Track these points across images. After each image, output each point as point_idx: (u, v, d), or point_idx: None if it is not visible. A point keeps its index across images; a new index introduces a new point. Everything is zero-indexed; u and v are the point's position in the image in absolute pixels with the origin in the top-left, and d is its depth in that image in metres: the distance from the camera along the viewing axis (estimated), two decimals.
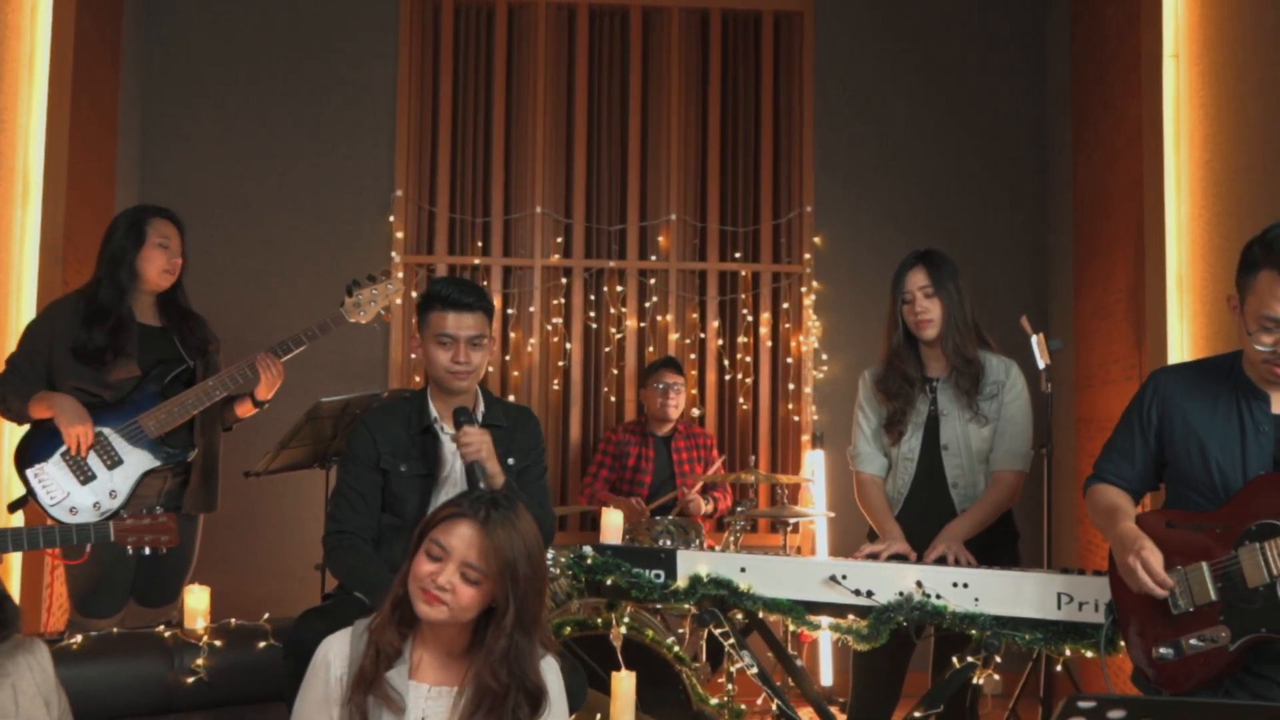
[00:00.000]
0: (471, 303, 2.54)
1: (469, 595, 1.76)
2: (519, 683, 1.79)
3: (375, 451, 2.51)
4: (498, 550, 1.75)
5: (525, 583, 1.77)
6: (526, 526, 1.81)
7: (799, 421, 4.95)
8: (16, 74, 3.41)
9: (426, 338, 2.56)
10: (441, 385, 2.57)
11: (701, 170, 5.03)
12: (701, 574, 2.58)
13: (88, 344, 2.88)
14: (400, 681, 1.83)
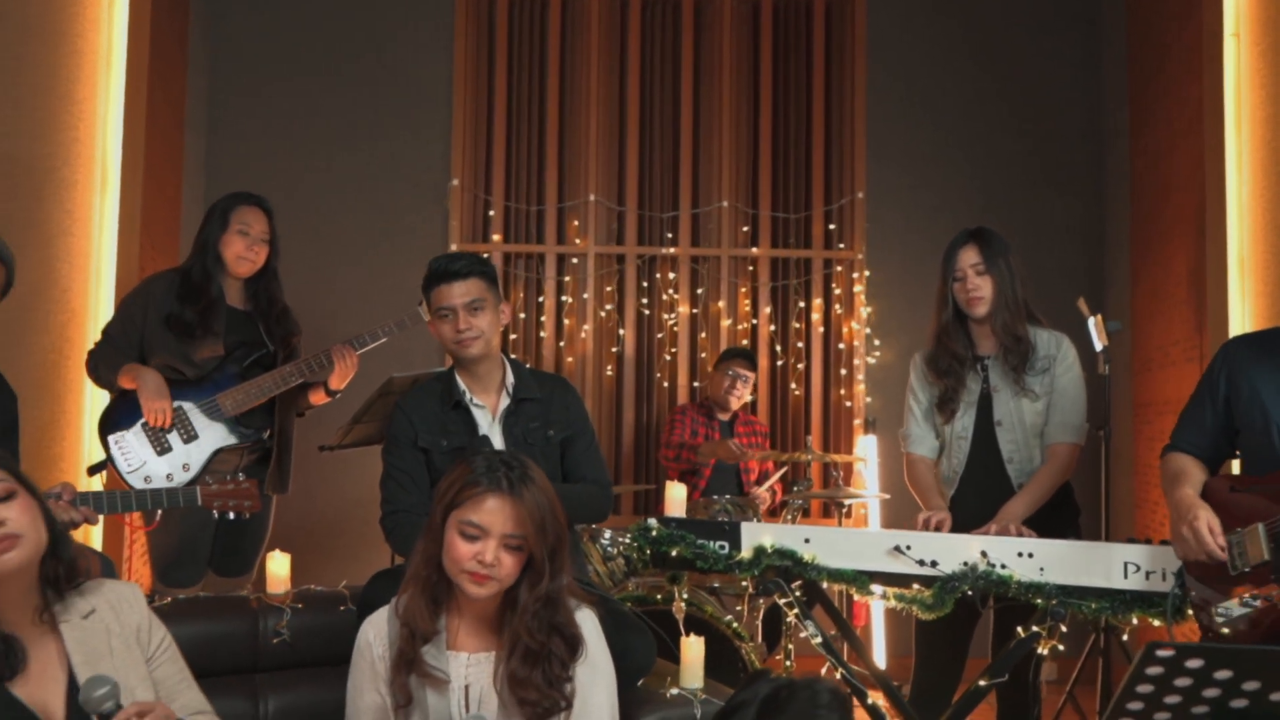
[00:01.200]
0: (460, 269, 2.52)
1: (513, 563, 1.79)
2: (557, 631, 1.82)
3: (413, 431, 2.54)
4: (530, 513, 1.78)
5: (554, 533, 1.81)
6: (539, 475, 1.85)
7: (851, 407, 4.97)
8: (95, 65, 3.53)
9: (434, 317, 2.56)
10: (455, 357, 2.58)
11: (753, 157, 5.06)
12: (766, 545, 2.62)
13: (180, 318, 2.98)
14: (439, 655, 1.85)
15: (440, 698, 1.84)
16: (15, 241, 3.21)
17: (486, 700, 1.84)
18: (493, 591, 1.80)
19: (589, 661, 1.87)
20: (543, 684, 1.80)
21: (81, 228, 3.47)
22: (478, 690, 1.86)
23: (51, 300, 3.35)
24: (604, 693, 1.90)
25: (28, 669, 1.52)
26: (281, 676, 2.43)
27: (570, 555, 1.92)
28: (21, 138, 3.18)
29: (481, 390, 2.59)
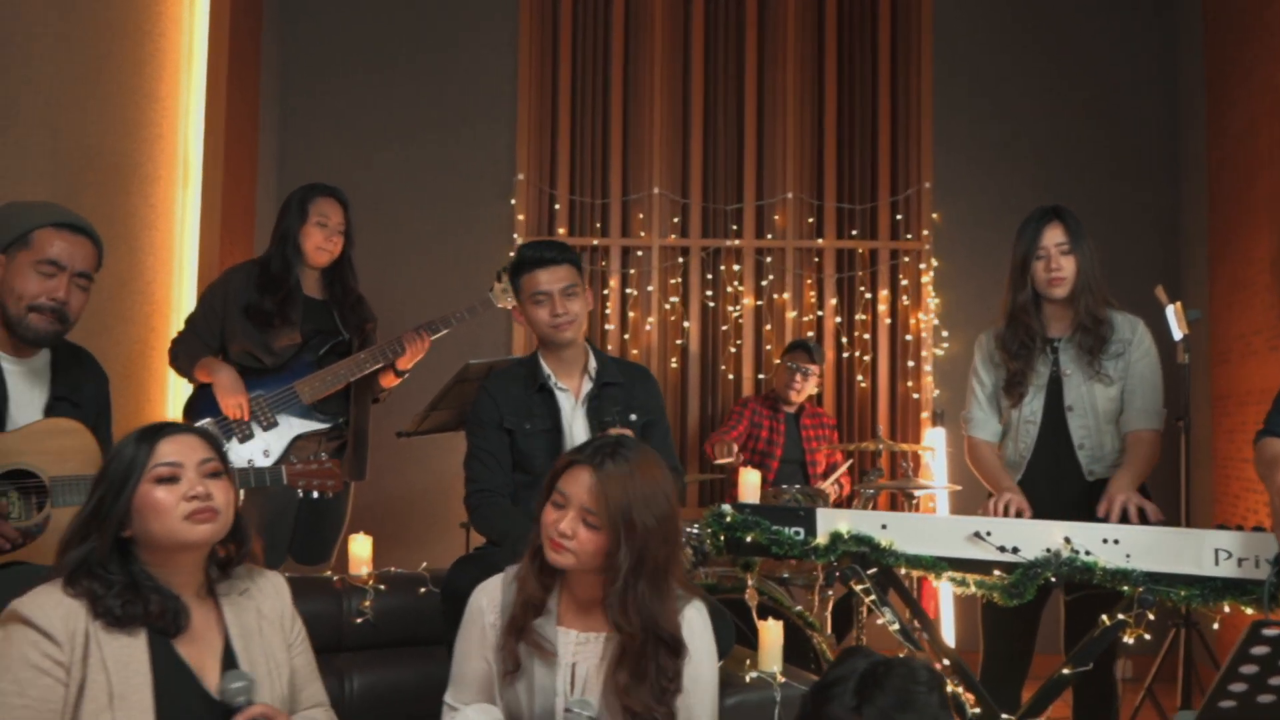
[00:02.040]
0: (556, 256, 2.61)
1: (591, 540, 1.76)
2: (651, 631, 1.78)
3: (498, 413, 2.58)
4: (611, 495, 1.74)
5: (644, 528, 1.75)
6: (649, 473, 1.79)
7: (918, 399, 4.92)
8: (176, 64, 3.63)
9: (525, 302, 2.62)
10: (548, 341, 2.62)
11: (818, 148, 5.03)
12: (842, 530, 2.60)
13: (259, 307, 3.05)
14: (549, 629, 1.86)
15: (547, 671, 1.84)
16: (103, 234, 3.30)
17: (591, 683, 1.83)
18: (569, 563, 1.79)
19: (692, 661, 1.84)
20: (650, 698, 1.77)
21: (164, 222, 3.57)
22: (584, 670, 1.85)
23: (137, 292, 3.45)
24: (706, 692, 1.88)
25: (190, 631, 1.63)
26: (364, 656, 2.48)
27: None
28: (108, 134, 3.28)
29: (565, 374, 2.64)
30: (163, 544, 1.61)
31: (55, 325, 2.16)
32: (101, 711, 1.51)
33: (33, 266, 2.13)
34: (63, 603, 1.55)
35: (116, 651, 1.55)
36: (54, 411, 2.19)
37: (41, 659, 1.49)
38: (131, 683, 1.54)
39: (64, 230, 2.16)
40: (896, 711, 1.45)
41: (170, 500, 1.60)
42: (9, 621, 1.53)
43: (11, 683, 1.48)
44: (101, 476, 1.63)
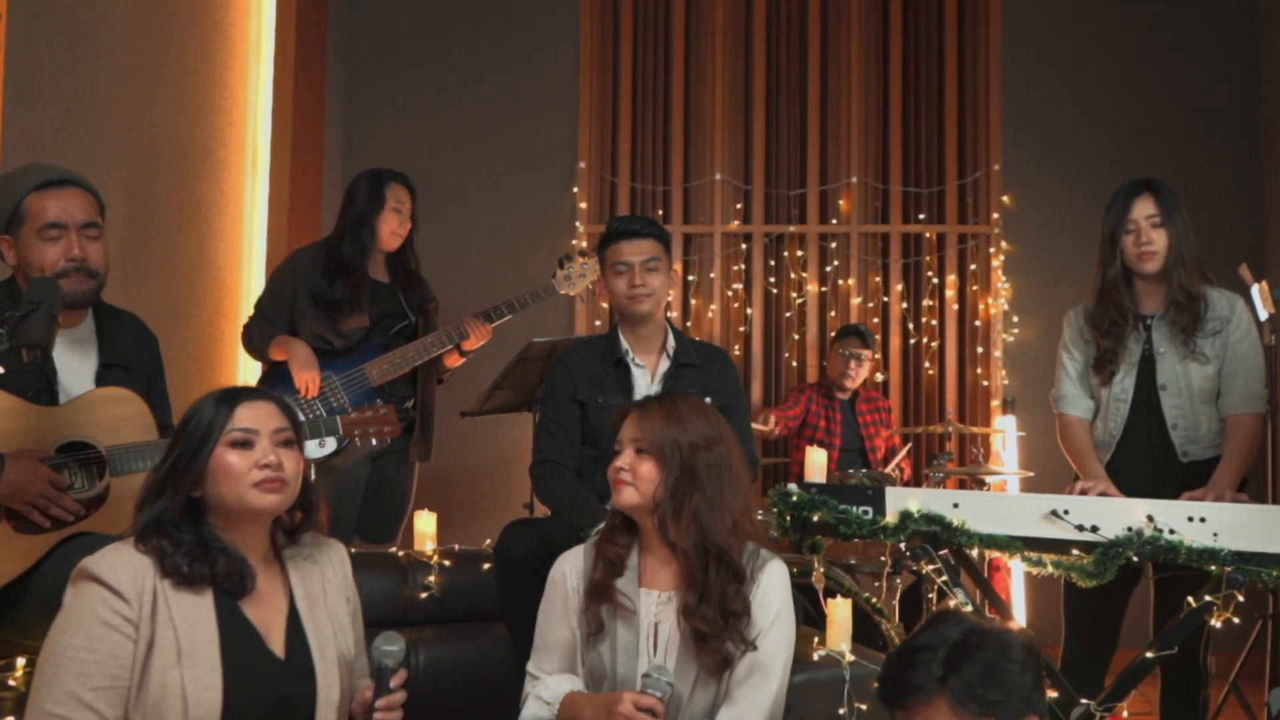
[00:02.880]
0: (641, 229, 2.63)
1: (647, 469, 1.88)
2: (712, 553, 1.85)
3: (572, 384, 2.60)
4: (655, 424, 1.90)
5: (689, 446, 1.88)
6: (689, 404, 1.96)
7: (988, 386, 4.81)
8: (245, 52, 3.69)
9: (606, 272, 2.65)
10: (625, 313, 2.63)
11: (883, 131, 4.95)
12: (912, 509, 2.53)
13: (327, 294, 3.08)
14: (631, 588, 1.91)
15: (629, 631, 1.88)
16: (176, 220, 3.38)
17: (673, 640, 1.87)
18: (633, 499, 1.88)
19: (765, 613, 1.88)
20: (716, 617, 1.82)
21: (235, 207, 3.63)
22: (666, 629, 1.88)
23: (208, 277, 3.51)
24: (780, 649, 1.89)
25: (256, 594, 1.64)
26: (430, 632, 2.48)
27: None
28: (181, 121, 3.34)
29: (643, 350, 2.64)
30: (231, 508, 1.63)
31: (88, 283, 2.11)
32: (169, 668, 1.52)
33: (38, 236, 2.07)
34: (131, 560, 1.57)
35: (184, 610, 1.56)
36: (105, 379, 2.18)
37: (111, 615, 1.51)
38: (199, 640, 1.56)
39: (48, 190, 2.08)
40: (982, 687, 1.40)
41: (242, 466, 1.62)
42: (79, 579, 1.56)
43: (82, 638, 1.50)
44: (179, 435, 1.64)
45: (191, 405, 1.68)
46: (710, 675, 1.85)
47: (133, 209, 3.13)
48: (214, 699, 1.53)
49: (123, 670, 1.50)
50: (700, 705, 1.87)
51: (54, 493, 2.01)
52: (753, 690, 1.86)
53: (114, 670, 1.49)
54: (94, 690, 1.47)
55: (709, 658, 1.83)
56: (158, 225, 3.26)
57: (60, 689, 1.46)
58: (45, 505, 2.01)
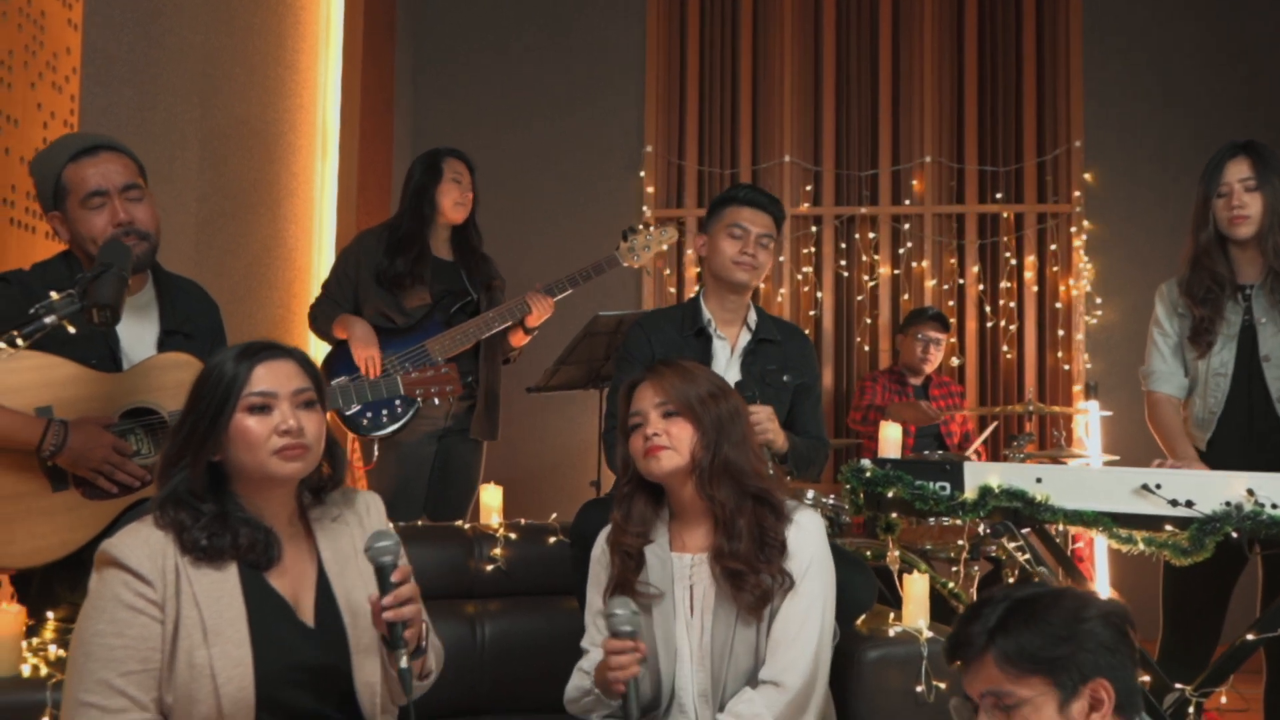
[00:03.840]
0: (767, 204, 2.58)
1: (681, 428, 1.86)
2: (747, 492, 1.84)
3: (650, 351, 2.55)
4: (675, 384, 1.88)
5: (715, 402, 1.88)
6: (700, 369, 1.96)
7: (1069, 371, 4.64)
8: (315, 36, 3.72)
9: (716, 231, 2.57)
10: (724, 277, 2.56)
11: (958, 108, 4.81)
12: (992, 485, 2.43)
13: (389, 270, 3.09)
14: (663, 554, 1.89)
15: (665, 605, 1.87)
16: (248, 201, 3.42)
17: (709, 596, 1.85)
18: (675, 462, 1.85)
19: (805, 552, 1.86)
20: (749, 554, 1.80)
21: (305, 189, 3.66)
22: (702, 588, 1.86)
23: (279, 258, 3.55)
24: (818, 590, 1.85)
25: (282, 562, 1.57)
26: (495, 605, 2.45)
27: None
28: (253, 103, 3.38)
29: (725, 323, 2.59)
30: (251, 475, 1.55)
31: (140, 244, 2.07)
32: (196, 648, 1.46)
33: (82, 207, 2.06)
34: (150, 540, 1.50)
35: (207, 586, 1.50)
36: (166, 346, 2.17)
37: (135, 599, 1.46)
38: (225, 616, 1.49)
39: (83, 159, 2.06)
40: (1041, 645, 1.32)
41: (261, 432, 1.52)
42: (101, 564, 1.50)
43: (108, 623, 1.45)
44: (196, 397, 1.55)
45: (208, 361, 1.58)
46: (750, 614, 1.81)
47: (206, 189, 3.17)
48: (245, 675, 1.48)
49: (152, 653, 1.45)
50: (743, 652, 1.83)
51: (118, 459, 2.02)
52: (796, 630, 1.81)
53: (143, 654, 1.44)
54: (124, 675, 1.43)
55: (747, 594, 1.80)
56: (230, 206, 3.30)
57: (90, 677, 1.42)
58: (110, 471, 2.02)
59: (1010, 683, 1.32)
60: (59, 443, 1.96)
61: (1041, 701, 1.31)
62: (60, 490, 2.01)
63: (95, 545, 1.98)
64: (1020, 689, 1.32)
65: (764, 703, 1.79)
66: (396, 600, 1.50)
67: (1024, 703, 1.31)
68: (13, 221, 2.44)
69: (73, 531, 2.01)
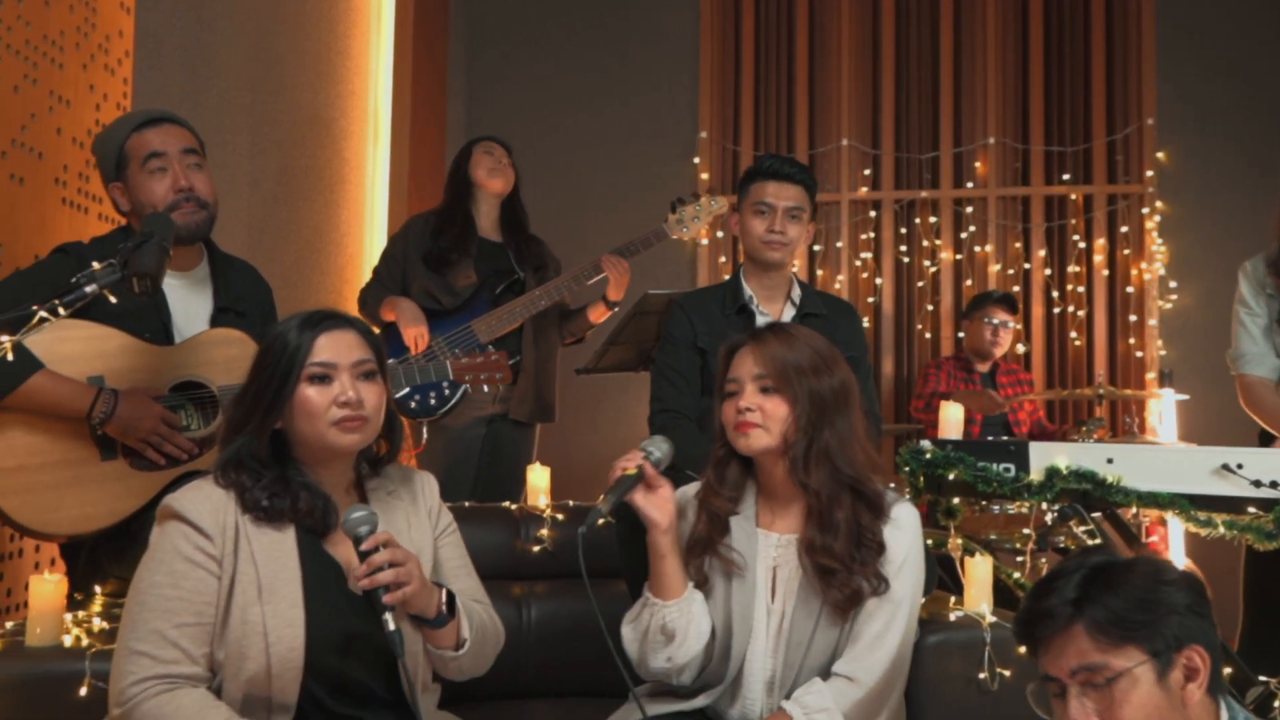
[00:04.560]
0: (792, 174, 2.47)
1: (775, 405, 1.72)
2: (844, 484, 1.70)
3: (692, 331, 2.48)
4: (777, 356, 1.73)
5: (818, 380, 1.73)
6: (804, 334, 1.79)
7: (1142, 358, 4.46)
8: (366, 22, 3.72)
9: (745, 209, 2.50)
10: (756, 257, 2.49)
11: (1022, 87, 4.66)
12: (1060, 466, 2.31)
13: (435, 250, 3.06)
14: (747, 531, 1.79)
15: (744, 579, 1.77)
16: (301, 188, 3.43)
17: (793, 583, 1.74)
18: (764, 442, 1.73)
19: (900, 548, 1.73)
20: (845, 554, 1.68)
21: (357, 175, 3.66)
22: (786, 572, 1.75)
23: (332, 244, 3.55)
24: (910, 585, 1.73)
25: (338, 531, 1.57)
26: (542, 587, 2.40)
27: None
28: (304, 89, 3.38)
29: (767, 299, 2.51)
30: (311, 444, 1.56)
31: (199, 213, 2.12)
32: (251, 605, 1.47)
33: (143, 171, 2.10)
34: (213, 496, 1.51)
35: (266, 545, 1.51)
36: (219, 322, 2.19)
37: (194, 552, 1.47)
38: (280, 576, 1.50)
39: (145, 128, 2.12)
40: (1130, 610, 1.22)
41: (321, 403, 1.53)
42: (163, 517, 1.52)
43: (166, 575, 1.46)
44: (260, 365, 1.56)
45: (272, 329, 1.59)
46: (836, 612, 1.70)
47: (257, 175, 3.18)
48: (296, 635, 1.48)
49: (207, 607, 1.46)
50: (822, 647, 1.73)
51: (167, 430, 2.03)
52: (880, 631, 1.70)
53: (199, 606, 1.45)
54: (178, 627, 1.43)
55: (836, 592, 1.68)
56: (282, 191, 3.31)
57: (145, 626, 1.43)
58: (158, 442, 2.03)
59: (1105, 653, 1.22)
60: (108, 410, 1.97)
61: (1140, 673, 1.21)
62: (109, 460, 2.03)
63: (141, 517, 2.01)
64: (1117, 659, 1.21)
65: (834, 696, 1.69)
66: (369, 568, 1.48)
67: (1121, 675, 1.21)
68: (65, 201, 2.46)
69: (120, 501, 2.02)
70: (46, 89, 2.37)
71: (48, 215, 2.39)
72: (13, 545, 2.28)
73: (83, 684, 1.64)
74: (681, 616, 1.73)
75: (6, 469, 1.93)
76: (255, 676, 1.45)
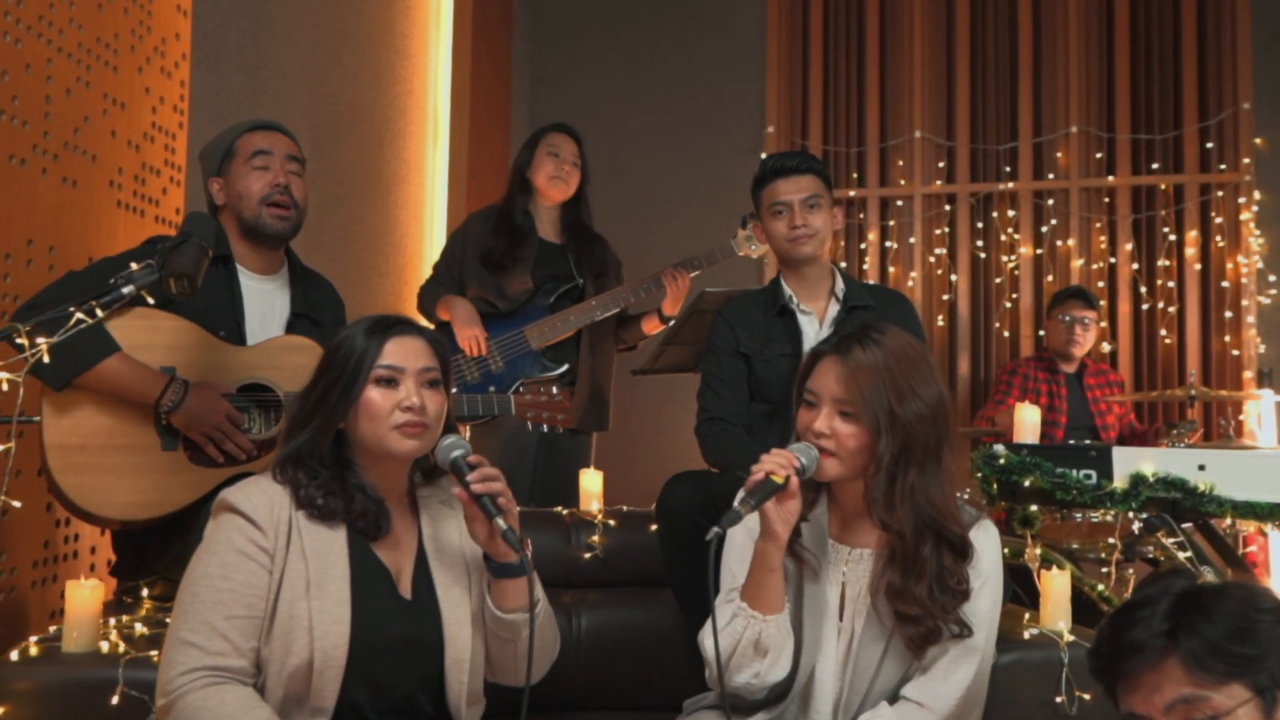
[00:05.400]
0: (797, 165, 2.37)
1: (851, 435, 1.57)
2: (928, 527, 1.55)
3: (734, 338, 2.41)
4: (864, 380, 1.55)
5: (907, 412, 1.54)
6: (905, 351, 1.59)
7: (1239, 356, 4.20)
8: (425, 21, 3.70)
9: (764, 216, 2.41)
10: (788, 257, 2.40)
11: (1107, 72, 4.43)
12: (1146, 473, 2.16)
13: (492, 251, 3.00)
14: (818, 541, 1.69)
15: (814, 588, 1.66)
16: (359, 188, 3.41)
17: (862, 602, 1.63)
18: (838, 471, 1.59)
19: (979, 573, 1.60)
20: (928, 599, 1.54)
21: (416, 176, 3.64)
22: (855, 590, 1.65)
23: (391, 245, 3.53)
24: (987, 609, 1.61)
25: (390, 536, 1.57)
26: (594, 595, 2.33)
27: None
28: (363, 89, 3.37)
29: (809, 296, 2.40)
30: (371, 447, 1.55)
31: (290, 214, 2.19)
32: (298, 600, 1.46)
33: (246, 165, 2.17)
34: (268, 491, 1.52)
35: (317, 542, 1.50)
36: (294, 329, 2.22)
37: (246, 544, 1.47)
38: (329, 573, 1.49)
39: (257, 131, 2.22)
40: (1230, 641, 1.09)
41: (385, 406, 1.53)
42: (219, 510, 1.52)
43: (218, 566, 1.46)
44: (327, 365, 1.56)
45: (341, 332, 1.60)
46: (910, 645, 1.58)
47: (315, 175, 3.16)
48: (341, 632, 1.46)
49: (258, 600, 1.45)
50: (891, 673, 1.62)
51: (230, 427, 2.04)
52: (951, 663, 1.58)
53: (249, 599, 1.45)
54: (228, 619, 1.43)
55: (912, 628, 1.56)
56: (341, 191, 3.30)
57: (195, 617, 1.43)
58: (220, 439, 2.04)
59: (1206, 688, 1.09)
60: (177, 400, 2.00)
61: (1244, 713, 1.08)
62: (169, 450, 2.05)
63: (191, 512, 2.01)
64: (1220, 696, 1.08)
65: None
66: (482, 477, 1.50)
67: (1224, 715, 1.08)
68: (120, 204, 2.47)
69: (173, 493, 2.02)
70: (100, 92, 2.38)
71: (102, 218, 2.40)
72: (67, 548, 2.29)
73: (115, 692, 1.61)
74: (780, 633, 1.62)
75: (70, 446, 1.97)
76: (297, 672, 1.44)
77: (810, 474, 1.59)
